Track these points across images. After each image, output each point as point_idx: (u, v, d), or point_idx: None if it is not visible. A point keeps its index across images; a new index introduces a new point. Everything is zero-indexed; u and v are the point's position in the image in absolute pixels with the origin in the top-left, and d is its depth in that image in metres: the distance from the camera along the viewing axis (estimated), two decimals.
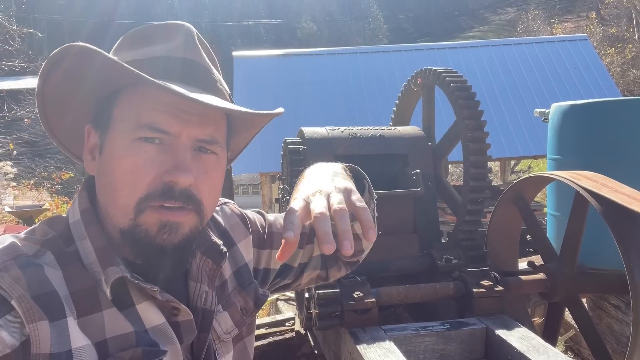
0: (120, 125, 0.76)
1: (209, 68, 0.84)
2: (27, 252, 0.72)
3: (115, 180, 0.75)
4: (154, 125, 0.74)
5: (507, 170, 11.49)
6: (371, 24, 47.97)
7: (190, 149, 0.77)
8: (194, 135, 0.77)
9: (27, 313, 0.66)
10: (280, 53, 11.29)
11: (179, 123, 0.76)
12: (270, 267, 1.09)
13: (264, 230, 1.09)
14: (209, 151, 0.80)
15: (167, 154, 0.75)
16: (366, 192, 0.97)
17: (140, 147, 0.74)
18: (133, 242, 0.76)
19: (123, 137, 0.75)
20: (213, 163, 0.81)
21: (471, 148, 2.02)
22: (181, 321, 0.81)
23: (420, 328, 1.66)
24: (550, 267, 1.93)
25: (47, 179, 15.91)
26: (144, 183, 0.74)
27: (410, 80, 2.60)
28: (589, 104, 2.44)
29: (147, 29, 0.85)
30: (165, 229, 0.75)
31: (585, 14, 37.02)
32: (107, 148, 0.78)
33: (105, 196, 0.78)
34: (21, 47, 11.80)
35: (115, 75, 0.74)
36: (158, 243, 0.76)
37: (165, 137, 0.75)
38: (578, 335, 2.59)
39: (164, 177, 0.74)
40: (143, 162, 0.74)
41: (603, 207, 1.57)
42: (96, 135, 0.80)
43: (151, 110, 0.75)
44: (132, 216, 0.75)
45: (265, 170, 8.69)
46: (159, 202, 0.74)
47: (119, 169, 0.75)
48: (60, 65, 0.73)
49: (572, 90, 9.91)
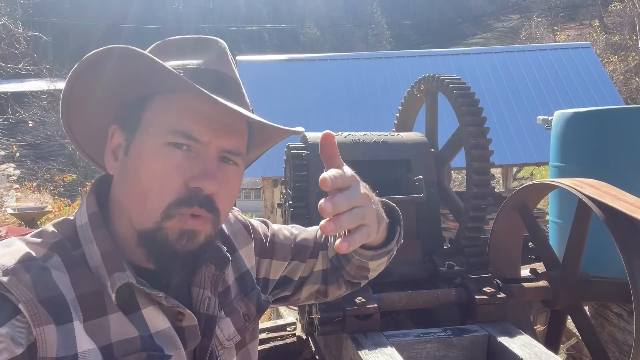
0: (151, 129, 0.78)
1: (239, 82, 0.87)
2: (34, 256, 0.73)
3: (142, 182, 0.76)
4: (187, 132, 0.76)
5: (510, 177, 11.47)
6: (374, 30, 48.09)
7: (216, 158, 0.79)
8: (222, 145, 0.79)
9: (34, 317, 0.66)
10: (284, 58, 11.32)
11: (211, 132, 0.77)
12: (270, 277, 1.09)
13: (267, 239, 1.10)
14: (232, 162, 0.82)
15: (194, 161, 0.77)
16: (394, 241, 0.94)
17: (169, 152, 0.76)
18: (151, 245, 0.77)
19: (153, 140, 0.77)
20: (234, 173, 0.83)
21: (474, 154, 2.02)
22: (185, 326, 0.82)
23: (422, 334, 1.65)
24: (553, 275, 1.92)
25: (49, 181, 15.96)
26: (173, 188, 0.76)
27: (413, 86, 2.61)
28: (593, 112, 2.44)
29: (179, 41, 0.87)
30: (184, 236, 0.77)
31: (588, 22, 37.07)
32: (134, 150, 0.79)
33: (130, 197, 0.79)
34: (26, 50, 11.86)
35: (155, 79, 0.76)
36: (176, 249, 0.77)
37: (194, 145, 0.77)
38: (580, 343, 2.58)
39: (190, 183, 0.76)
40: (170, 167, 0.76)
41: (606, 215, 1.57)
42: (121, 137, 0.82)
43: (184, 117, 0.77)
44: (159, 219, 0.76)
45: (267, 175, 8.69)
46: (186, 209, 0.76)
47: (147, 171, 0.76)
48: (98, 64, 0.74)
49: (575, 98, 9.90)
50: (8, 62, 11.75)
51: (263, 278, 1.08)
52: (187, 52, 0.84)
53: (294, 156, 2.10)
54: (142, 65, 0.74)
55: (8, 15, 11.39)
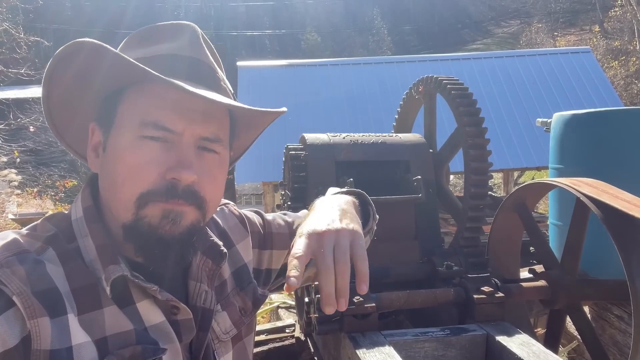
0: (124, 123, 0.77)
1: (214, 67, 0.85)
2: (28, 248, 0.73)
3: (118, 176, 0.76)
4: (159, 123, 0.75)
5: (511, 182, 11.46)
6: (375, 36, 48.23)
7: (193, 147, 0.78)
8: (198, 133, 0.78)
9: (28, 309, 0.66)
10: (285, 63, 11.36)
11: (183, 121, 0.76)
12: (272, 267, 1.10)
13: (264, 231, 1.10)
14: (212, 150, 0.81)
15: (170, 152, 0.76)
16: (370, 219, 1.00)
17: (144, 145, 0.75)
18: (136, 236, 0.77)
19: (127, 134, 0.76)
20: (216, 161, 0.82)
21: (472, 155, 2.02)
22: (181, 320, 0.82)
23: (420, 334, 1.64)
24: (552, 274, 1.92)
25: (51, 187, 15.98)
26: (147, 179, 0.75)
27: (412, 88, 2.62)
28: (592, 114, 2.44)
29: (153, 29, 0.86)
30: (168, 218, 0.76)
31: (588, 27, 37.17)
32: (110, 145, 0.78)
33: (108, 192, 0.79)
34: (28, 55, 11.91)
35: (122, 72, 0.75)
36: (160, 234, 0.76)
37: (169, 135, 0.76)
38: (581, 346, 2.57)
39: (167, 175, 0.75)
40: (146, 159, 0.75)
41: (604, 213, 1.57)
42: (100, 133, 0.81)
43: (155, 108, 0.76)
44: (134, 210, 0.75)
45: (268, 180, 8.69)
46: (162, 201, 0.75)
47: (122, 165, 0.75)
48: (68, 63, 0.74)
49: (575, 103, 9.91)
50: (9, 67, 11.80)
51: (266, 269, 1.09)
52: (160, 40, 0.83)
53: (293, 157, 2.10)
54: (108, 59, 0.73)
55: (10, 20, 11.45)
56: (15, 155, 13.34)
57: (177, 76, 0.75)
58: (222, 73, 0.88)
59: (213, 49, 0.89)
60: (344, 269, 0.75)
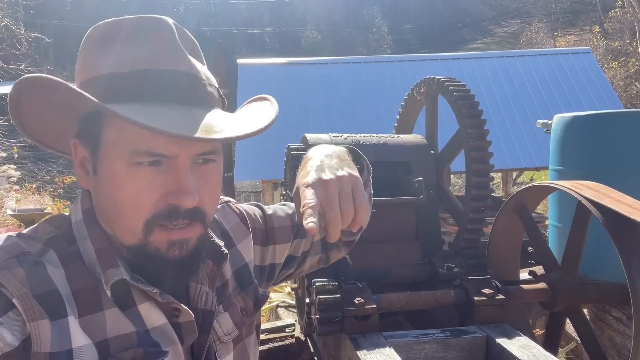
0: (114, 149, 0.74)
1: (194, 75, 0.78)
2: (29, 250, 0.73)
3: (118, 205, 0.75)
4: (151, 151, 0.72)
5: (509, 182, 11.47)
6: (375, 35, 48.17)
7: (189, 167, 0.75)
8: (193, 152, 0.76)
9: (28, 311, 0.66)
10: (285, 61, 11.34)
11: (176, 145, 0.73)
12: (276, 262, 1.09)
13: (265, 226, 1.09)
14: (209, 160, 0.79)
15: (167, 175, 0.74)
16: (365, 171, 1.00)
17: (139, 171, 0.73)
18: (142, 258, 0.77)
19: (119, 161, 0.73)
20: (212, 170, 0.80)
21: (473, 156, 2.03)
22: (182, 322, 0.81)
23: (420, 335, 1.65)
24: (552, 277, 1.93)
25: (49, 182, 15.93)
26: (148, 205, 0.74)
27: (413, 89, 2.62)
28: (592, 116, 2.45)
29: (117, 24, 0.79)
30: (175, 247, 0.76)
31: (588, 28, 37.16)
32: (102, 171, 0.76)
33: (109, 217, 0.78)
34: (28, 51, 11.88)
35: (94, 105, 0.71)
36: (170, 259, 0.77)
37: (163, 159, 0.74)
38: (579, 347, 2.57)
39: (168, 199, 0.74)
40: (144, 186, 0.73)
41: (605, 217, 1.57)
42: (84, 151, 0.78)
43: (145, 135, 0.71)
44: (141, 236, 0.75)
45: (267, 178, 8.69)
46: (165, 222, 0.75)
47: (120, 194, 0.74)
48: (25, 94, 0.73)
49: (574, 103, 9.91)
50: (10, 63, 11.77)
51: (269, 265, 1.08)
52: (129, 43, 0.76)
53: (294, 157, 2.10)
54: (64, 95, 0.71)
55: (10, 16, 11.42)
56: (14, 150, 13.32)
57: (159, 98, 0.72)
58: (206, 74, 0.81)
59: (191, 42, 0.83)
60: (350, 216, 0.79)
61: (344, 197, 0.80)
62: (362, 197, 0.82)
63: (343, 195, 0.80)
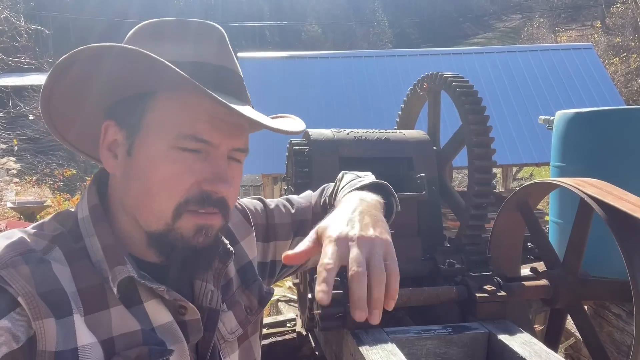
0: (157, 131, 0.76)
1: (241, 77, 0.85)
2: (35, 248, 0.72)
3: (151, 185, 0.75)
4: (198, 136, 0.75)
5: (509, 177, 11.48)
6: (376, 28, 48.01)
7: (226, 159, 0.79)
8: (232, 145, 0.79)
9: (33, 310, 0.66)
10: (286, 55, 11.32)
11: (220, 134, 0.77)
12: (277, 259, 1.10)
13: (267, 222, 1.09)
14: (238, 160, 0.83)
15: (205, 162, 0.77)
16: (394, 210, 1.00)
17: (179, 155, 0.75)
18: (163, 245, 0.78)
19: (161, 143, 0.75)
20: (238, 170, 0.84)
21: (476, 153, 2.02)
22: (188, 320, 0.81)
23: (422, 331, 1.65)
24: (553, 274, 1.93)
25: (49, 175, 15.95)
26: (182, 189, 0.75)
27: (416, 84, 2.61)
28: (594, 112, 2.44)
29: (169, 24, 0.82)
30: (201, 232, 0.78)
31: (590, 23, 37.06)
32: (140, 152, 0.77)
33: (137, 200, 0.78)
34: (28, 43, 11.84)
35: (152, 75, 0.73)
36: (193, 245, 0.78)
37: (206, 147, 0.76)
38: (578, 343, 2.58)
39: (203, 185, 0.76)
40: (182, 169, 0.75)
41: (608, 214, 1.57)
42: (120, 134, 0.79)
43: (193, 120, 0.75)
44: (170, 221, 0.76)
45: (267, 172, 8.70)
46: (197, 207, 0.76)
47: (157, 175, 0.75)
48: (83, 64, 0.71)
49: (575, 99, 9.91)
50: (10, 55, 11.74)
51: (271, 261, 1.09)
52: (183, 40, 0.79)
53: (296, 152, 2.10)
54: (140, 63, 0.71)
55: (10, 8, 11.38)
56: (14, 143, 13.31)
57: (209, 86, 0.73)
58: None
59: (235, 53, 0.89)
60: (381, 279, 0.68)
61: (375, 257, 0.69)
62: (395, 264, 0.71)
63: (373, 256, 0.69)
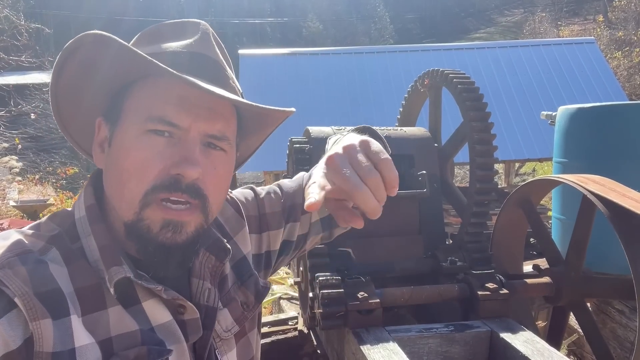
0: (130, 118, 0.76)
1: (222, 64, 0.83)
2: (31, 249, 0.72)
3: (123, 172, 0.74)
4: (165, 118, 0.74)
5: (512, 173, 11.45)
6: (377, 24, 47.86)
7: (199, 144, 0.76)
8: (204, 129, 0.77)
9: (30, 311, 0.65)
10: (287, 52, 11.29)
11: (190, 117, 0.75)
12: (271, 249, 1.08)
13: (258, 212, 1.08)
14: (218, 147, 0.79)
15: (175, 147, 0.75)
16: None
17: (149, 140, 0.74)
18: (136, 237, 0.76)
19: (133, 129, 0.75)
20: (221, 159, 0.80)
21: (478, 150, 2.01)
22: (187, 319, 0.80)
23: (424, 330, 1.65)
24: (556, 271, 1.91)
25: (52, 174, 15.98)
26: (151, 175, 0.73)
27: (417, 81, 2.59)
28: (597, 108, 2.43)
29: (162, 27, 0.84)
30: (169, 227, 0.75)
31: (592, 17, 36.91)
32: (116, 140, 0.77)
33: (113, 188, 0.77)
34: (28, 42, 11.85)
35: (127, 65, 0.73)
36: (161, 241, 0.75)
37: (175, 131, 0.75)
38: (581, 339, 2.58)
39: (171, 170, 0.74)
40: (151, 154, 0.74)
41: (611, 211, 1.56)
42: (106, 129, 0.80)
43: (161, 102, 0.74)
44: (137, 209, 0.74)
45: (269, 169, 8.68)
46: (165, 194, 0.73)
47: (127, 160, 0.74)
48: (75, 54, 0.72)
49: (578, 94, 9.87)
50: (10, 54, 11.75)
51: (265, 252, 1.07)
52: (169, 38, 0.82)
53: (297, 150, 2.09)
54: (113, 49, 0.71)
55: (10, 7, 11.38)
56: (16, 142, 13.33)
57: (184, 71, 0.73)
58: (231, 72, 0.86)
59: (224, 49, 0.87)
60: (377, 182, 0.69)
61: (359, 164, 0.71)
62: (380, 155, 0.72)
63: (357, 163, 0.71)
